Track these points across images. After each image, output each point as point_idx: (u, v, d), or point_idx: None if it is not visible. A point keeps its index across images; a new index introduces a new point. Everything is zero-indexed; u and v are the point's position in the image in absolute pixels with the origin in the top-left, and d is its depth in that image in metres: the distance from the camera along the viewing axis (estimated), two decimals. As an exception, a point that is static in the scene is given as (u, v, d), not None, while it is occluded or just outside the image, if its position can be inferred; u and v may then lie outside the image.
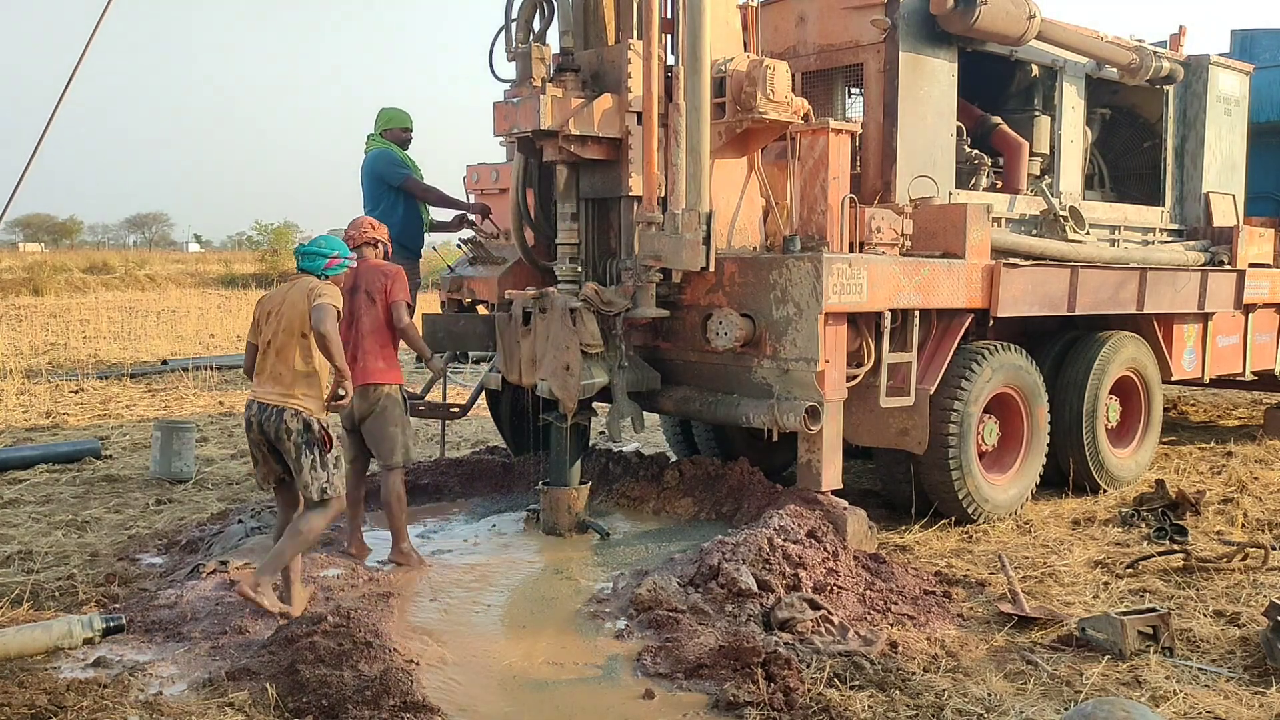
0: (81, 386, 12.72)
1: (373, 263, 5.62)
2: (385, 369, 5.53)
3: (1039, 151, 7.85)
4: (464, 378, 13.14)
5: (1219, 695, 3.98)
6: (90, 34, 4.81)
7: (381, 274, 5.55)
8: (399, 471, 5.58)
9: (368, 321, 5.50)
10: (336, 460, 4.77)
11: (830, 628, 4.54)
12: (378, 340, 5.52)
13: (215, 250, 71.35)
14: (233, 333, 20.27)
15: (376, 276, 5.54)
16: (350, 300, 5.46)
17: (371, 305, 5.51)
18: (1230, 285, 8.18)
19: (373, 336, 5.50)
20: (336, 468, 4.77)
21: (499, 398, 7.57)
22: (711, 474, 6.46)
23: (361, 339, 5.50)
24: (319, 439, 4.67)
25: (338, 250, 4.97)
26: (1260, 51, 10.19)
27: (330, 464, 4.72)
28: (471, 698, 3.97)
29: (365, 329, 5.50)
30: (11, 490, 7.41)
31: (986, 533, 6.34)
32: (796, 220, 5.91)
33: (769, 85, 5.69)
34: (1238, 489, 7.31)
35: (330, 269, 4.93)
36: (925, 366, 6.12)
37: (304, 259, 4.95)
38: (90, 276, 34.95)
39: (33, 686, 3.80)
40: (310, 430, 4.67)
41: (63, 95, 4.83)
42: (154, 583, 5.25)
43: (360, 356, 5.48)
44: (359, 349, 5.48)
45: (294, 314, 4.70)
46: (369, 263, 5.61)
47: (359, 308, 5.50)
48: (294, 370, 4.71)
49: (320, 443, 4.68)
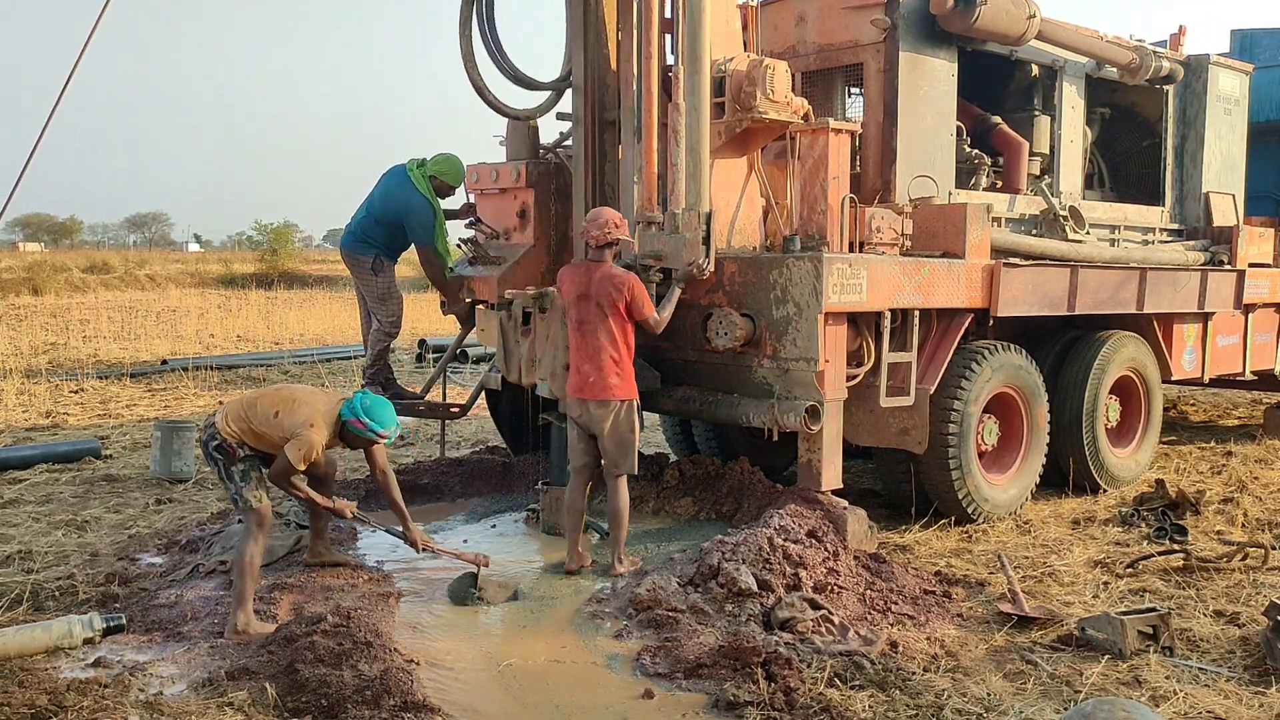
0: (81, 386, 12.71)
1: (607, 269, 5.31)
2: (618, 385, 5.32)
3: (1039, 151, 7.85)
4: (464, 378, 13.14)
5: (1219, 695, 3.98)
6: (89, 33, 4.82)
7: (614, 286, 5.26)
8: (625, 480, 5.42)
9: (602, 335, 5.27)
10: (243, 473, 4.70)
11: (830, 627, 4.54)
12: (609, 353, 5.28)
13: (215, 250, 71.43)
14: (232, 333, 20.28)
15: (609, 288, 5.26)
16: (577, 306, 5.32)
17: (604, 318, 5.26)
18: (1230, 285, 8.18)
19: (606, 350, 5.28)
20: (245, 480, 4.69)
21: (499, 398, 7.57)
22: (711, 474, 6.46)
23: (594, 352, 5.29)
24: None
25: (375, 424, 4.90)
26: (1260, 51, 10.19)
27: (236, 476, 4.69)
28: (471, 698, 3.97)
29: (597, 341, 5.28)
30: (11, 490, 7.41)
31: (986, 532, 6.34)
32: (796, 220, 5.91)
33: (769, 85, 5.69)
34: (1238, 489, 7.31)
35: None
36: (925, 366, 6.12)
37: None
38: (90, 276, 34.95)
39: (33, 686, 3.80)
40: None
41: (61, 95, 4.84)
42: (154, 583, 5.25)
43: (589, 369, 5.30)
44: (590, 362, 5.30)
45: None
46: (604, 270, 5.30)
47: (588, 316, 5.30)
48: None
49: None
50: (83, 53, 4.81)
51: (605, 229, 5.34)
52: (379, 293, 7.09)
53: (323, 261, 49.56)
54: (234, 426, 4.71)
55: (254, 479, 4.71)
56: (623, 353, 5.35)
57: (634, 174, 6.10)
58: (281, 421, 4.73)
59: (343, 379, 13.28)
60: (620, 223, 5.42)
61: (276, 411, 4.75)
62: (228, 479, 4.70)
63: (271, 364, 15.10)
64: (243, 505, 4.69)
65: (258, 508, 4.68)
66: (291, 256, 43.80)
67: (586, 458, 5.52)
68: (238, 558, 4.61)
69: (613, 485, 5.40)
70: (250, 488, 4.69)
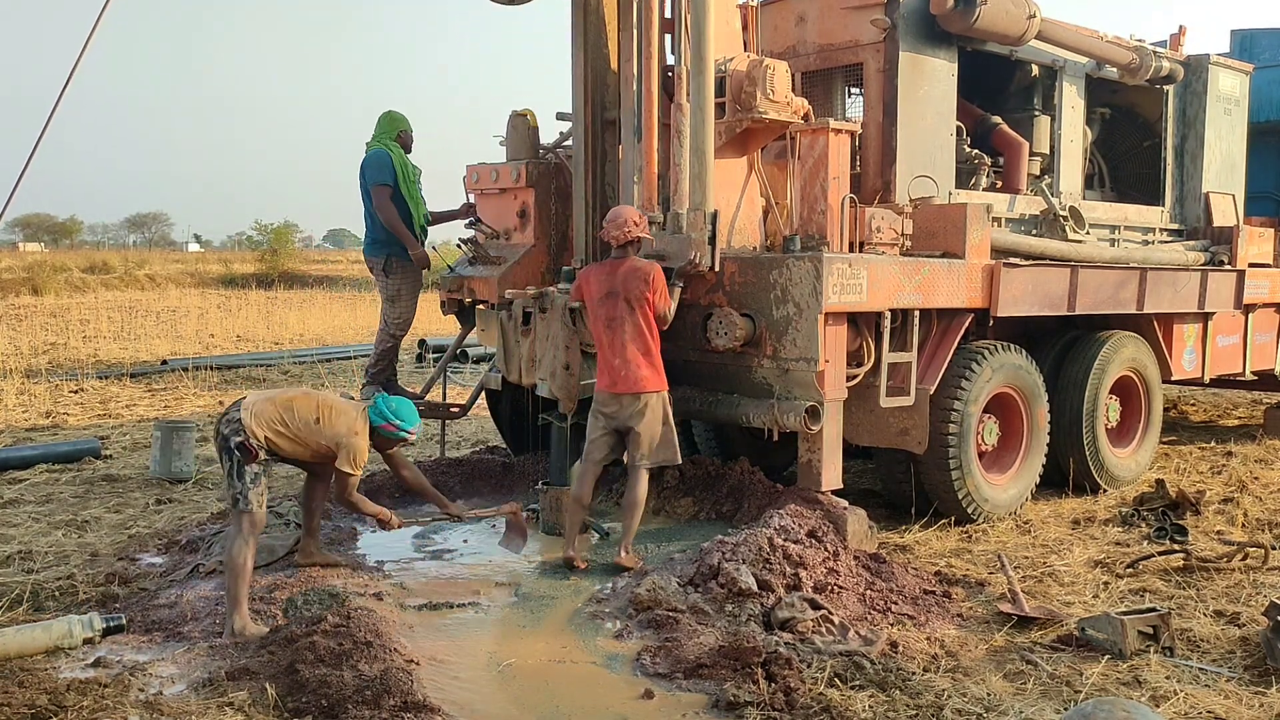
0: (81, 386, 12.71)
1: (631, 264, 5.39)
2: (650, 377, 5.40)
3: (1039, 151, 7.85)
4: (464, 378, 13.14)
5: (1219, 695, 3.98)
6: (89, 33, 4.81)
7: (641, 279, 5.35)
8: (646, 472, 5.49)
9: (629, 328, 5.36)
10: (255, 476, 4.69)
11: (830, 627, 4.54)
12: (639, 347, 5.36)
13: (215, 250, 71.44)
14: (232, 332, 20.28)
15: (636, 283, 5.35)
16: (605, 304, 5.37)
17: (631, 312, 5.35)
18: (1230, 285, 8.18)
19: (635, 344, 5.36)
20: (254, 482, 4.68)
21: (499, 398, 7.57)
22: (711, 474, 6.46)
23: (623, 346, 5.37)
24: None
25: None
26: (1260, 51, 10.18)
27: (248, 477, 4.67)
28: (471, 698, 3.97)
29: (627, 336, 5.36)
30: (11, 490, 7.41)
31: (986, 532, 6.34)
32: (796, 220, 5.91)
33: (769, 85, 5.69)
34: (1238, 489, 7.32)
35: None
36: (925, 366, 6.12)
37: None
38: (90, 276, 34.95)
39: (33, 686, 3.80)
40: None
41: (61, 95, 4.83)
42: (154, 583, 5.25)
43: (620, 364, 5.36)
44: (619, 356, 5.36)
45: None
46: (629, 264, 5.39)
47: (617, 312, 5.36)
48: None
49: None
50: (83, 53, 4.81)
51: (625, 228, 5.41)
52: (389, 293, 7.16)
53: (323, 261, 49.61)
54: (264, 429, 4.68)
55: (262, 484, 4.71)
56: (651, 345, 5.42)
57: (634, 174, 6.10)
58: (323, 429, 4.76)
59: (343, 379, 13.28)
60: (640, 220, 5.48)
61: (317, 417, 4.77)
62: (237, 477, 4.66)
63: (271, 364, 15.09)
64: (243, 505, 4.66)
65: (256, 511, 4.67)
66: (292, 256, 43.81)
67: (606, 451, 5.57)
68: (230, 560, 4.59)
69: (636, 475, 5.46)
70: (256, 491, 4.68)
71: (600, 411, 5.53)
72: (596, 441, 5.55)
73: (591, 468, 5.57)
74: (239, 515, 4.67)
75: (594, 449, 5.56)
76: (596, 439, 5.55)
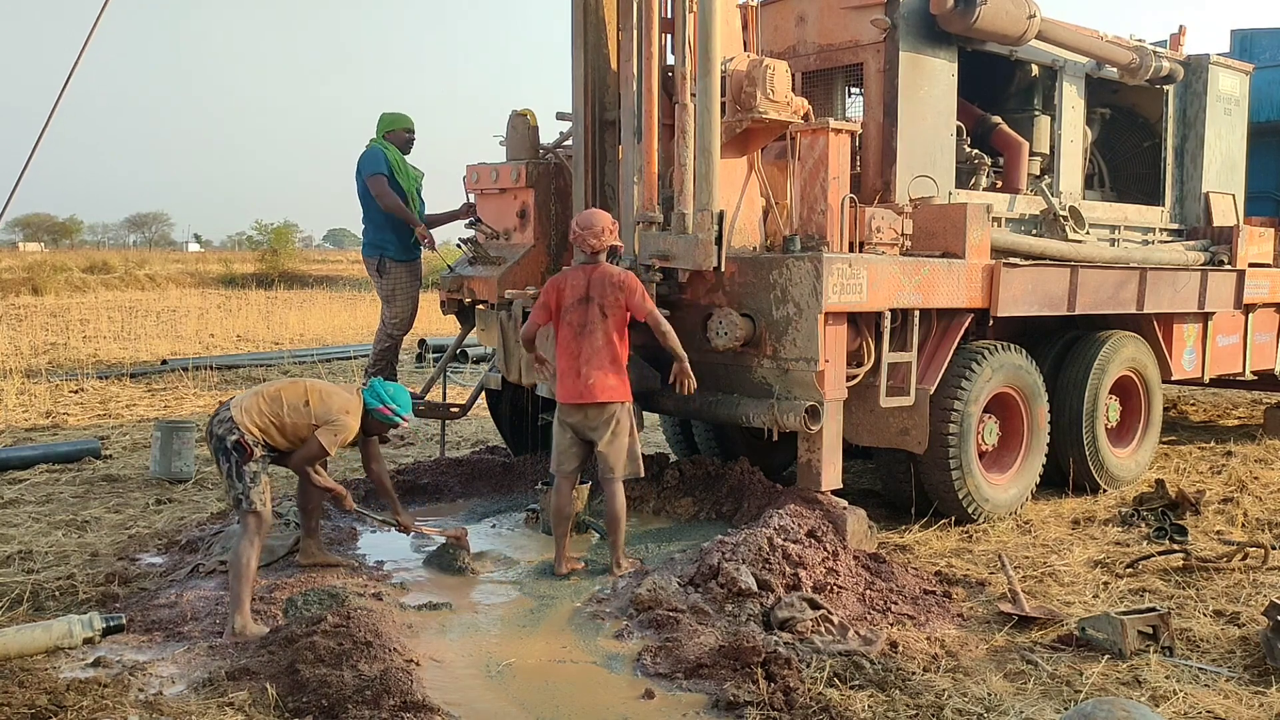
0: (81, 386, 12.71)
1: (604, 270, 5.33)
2: (616, 386, 5.33)
3: (1039, 151, 7.85)
4: (464, 378, 13.14)
5: (1219, 695, 3.98)
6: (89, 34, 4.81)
7: (616, 287, 5.28)
8: (622, 484, 5.41)
9: (600, 336, 5.27)
10: (254, 474, 4.69)
11: (830, 627, 4.54)
12: (608, 355, 5.29)
13: (215, 250, 71.42)
14: (232, 333, 20.27)
15: (611, 290, 5.27)
16: (577, 310, 5.30)
17: (604, 319, 5.27)
18: (1230, 285, 8.18)
19: (604, 352, 5.28)
20: (255, 481, 4.68)
21: (499, 398, 7.57)
22: (711, 474, 6.46)
23: (592, 354, 5.28)
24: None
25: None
26: (1260, 51, 10.18)
27: (247, 477, 4.67)
28: (472, 698, 3.97)
29: (596, 343, 5.28)
30: (11, 490, 7.41)
31: (986, 532, 6.34)
32: (796, 220, 5.91)
33: (769, 85, 5.69)
34: (1238, 489, 7.31)
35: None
36: (925, 366, 6.12)
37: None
38: (90, 276, 34.93)
39: (33, 686, 3.80)
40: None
41: (61, 95, 4.83)
42: (154, 583, 5.25)
43: (588, 372, 5.28)
44: (587, 363, 5.29)
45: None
46: (601, 271, 5.32)
47: (590, 319, 5.29)
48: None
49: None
50: (82, 53, 4.80)
51: (601, 237, 5.34)
52: (385, 293, 7.25)
53: (323, 261, 49.61)
54: (256, 422, 4.68)
55: (263, 481, 4.70)
56: (619, 354, 5.35)
57: (634, 174, 6.10)
58: (314, 410, 4.77)
59: (343, 379, 13.28)
60: (612, 227, 5.42)
61: (306, 400, 4.78)
62: (237, 478, 4.65)
63: (271, 364, 15.09)
64: (246, 506, 4.66)
65: (261, 511, 4.67)
66: (292, 256, 43.84)
67: (577, 462, 5.51)
68: (234, 560, 4.59)
69: (610, 490, 5.38)
70: (258, 489, 4.67)
71: (565, 422, 5.45)
72: (566, 453, 5.47)
73: (565, 479, 5.49)
74: (244, 515, 4.67)
75: (564, 460, 5.48)
76: (565, 450, 5.47)
